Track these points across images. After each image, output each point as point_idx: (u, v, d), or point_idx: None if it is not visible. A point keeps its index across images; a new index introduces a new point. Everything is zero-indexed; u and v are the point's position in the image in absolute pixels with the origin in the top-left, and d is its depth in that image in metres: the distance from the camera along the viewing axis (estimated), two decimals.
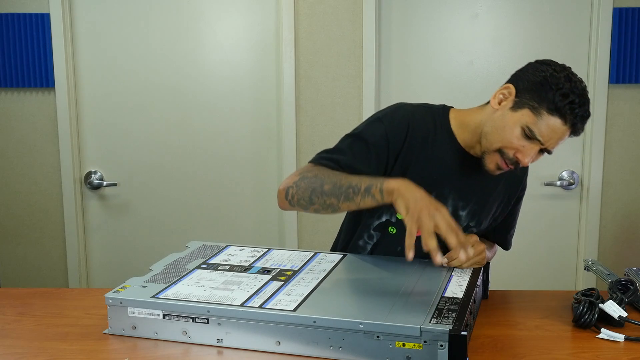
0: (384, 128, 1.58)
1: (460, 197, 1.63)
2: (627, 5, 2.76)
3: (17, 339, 1.40)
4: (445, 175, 1.61)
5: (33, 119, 2.90)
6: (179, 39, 2.89)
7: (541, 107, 1.46)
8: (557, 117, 1.45)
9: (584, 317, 1.41)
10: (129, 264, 3.01)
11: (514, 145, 1.49)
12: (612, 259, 2.91)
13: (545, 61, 1.53)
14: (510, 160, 1.52)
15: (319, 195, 1.48)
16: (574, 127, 1.48)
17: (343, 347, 1.25)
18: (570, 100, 1.44)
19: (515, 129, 1.49)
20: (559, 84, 1.45)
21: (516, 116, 1.49)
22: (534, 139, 1.47)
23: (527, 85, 1.50)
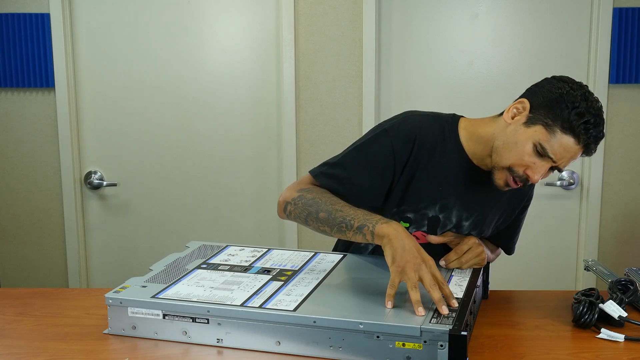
0: (391, 142, 1.55)
1: (465, 208, 1.61)
2: (627, 5, 2.76)
3: (17, 339, 1.40)
4: (452, 187, 1.59)
5: (33, 119, 2.90)
6: (179, 39, 2.89)
7: (555, 124, 1.43)
8: (571, 136, 1.43)
9: (584, 317, 1.41)
10: (129, 264, 3.01)
11: (524, 162, 1.46)
12: (612, 259, 2.91)
13: (562, 78, 1.51)
14: (520, 177, 1.49)
15: (314, 220, 1.48)
16: (587, 148, 1.45)
17: (343, 347, 1.25)
18: (586, 120, 1.42)
19: (527, 145, 1.46)
20: (575, 102, 1.43)
21: (529, 132, 1.47)
22: (546, 156, 1.45)
23: (542, 101, 1.48)
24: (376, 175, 1.55)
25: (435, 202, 1.59)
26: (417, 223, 1.60)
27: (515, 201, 1.71)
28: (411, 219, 1.60)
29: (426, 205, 1.59)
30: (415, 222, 1.60)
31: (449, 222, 1.61)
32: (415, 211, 1.59)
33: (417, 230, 1.61)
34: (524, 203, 1.75)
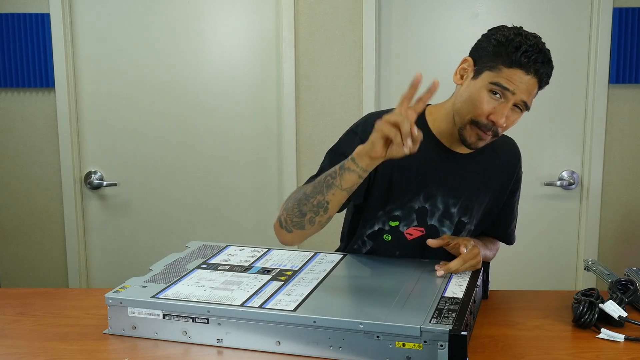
0: (359, 138, 1.56)
1: (449, 194, 1.63)
2: (627, 5, 2.76)
3: (17, 339, 1.40)
4: (430, 175, 1.61)
5: (33, 119, 2.90)
6: (179, 39, 2.89)
7: (499, 65, 1.48)
8: (517, 68, 1.46)
9: (584, 317, 1.41)
10: (129, 264, 3.00)
11: (485, 110, 1.49)
12: (612, 259, 2.91)
13: (496, 27, 1.56)
14: (486, 126, 1.51)
15: (305, 202, 1.46)
16: (538, 75, 1.48)
17: (343, 347, 1.25)
18: (524, 50, 1.45)
19: (482, 93, 1.49)
20: (509, 39, 1.48)
21: (479, 82, 1.51)
22: (503, 91, 1.47)
23: (482, 52, 1.53)
24: None
25: (418, 193, 1.62)
26: (406, 218, 1.62)
27: (502, 182, 1.71)
28: (399, 216, 1.62)
29: (410, 198, 1.61)
30: (404, 218, 1.62)
31: (436, 209, 1.63)
32: (402, 207, 1.62)
33: (408, 228, 1.63)
34: (511, 185, 1.74)
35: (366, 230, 1.67)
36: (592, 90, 2.83)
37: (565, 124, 2.89)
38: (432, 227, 1.64)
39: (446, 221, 1.64)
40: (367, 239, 1.68)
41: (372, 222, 1.66)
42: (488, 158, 1.67)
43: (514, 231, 1.85)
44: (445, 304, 1.31)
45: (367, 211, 1.65)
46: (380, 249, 1.67)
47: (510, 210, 1.79)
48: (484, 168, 1.66)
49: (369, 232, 1.67)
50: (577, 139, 2.90)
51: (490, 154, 1.67)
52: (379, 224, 1.65)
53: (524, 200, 3.08)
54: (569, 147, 2.91)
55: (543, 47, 1.49)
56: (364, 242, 1.69)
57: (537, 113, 2.89)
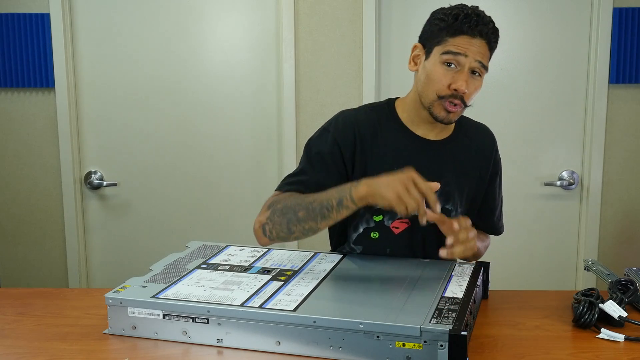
0: (332, 136, 1.64)
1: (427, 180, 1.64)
2: (627, 5, 2.76)
3: (17, 339, 1.40)
4: (405, 163, 1.62)
5: (33, 119, 2.90)
6: (179, 39, 2.89)
7: (443, 38, 1.54)
8: (461, 35, 1.52)
9: (584, 317, 1.41)
10: (129, 264, 3.01)
11: (444, 83, 1.54)
12: (612, 259, 2.91)
13: (435, 10, 1.62)
14: (451, 96, 1.55)
15: (296, 224, 1.51)
16: (484, 36, 1.54)
17: (343, 347, 1.25)
18: (463, 16, 1.52)
19: (437, 68, 1.55)
20: (447, 13, 1.55)
21: (431, 60, 1.57)
22: (455, 56, 1.52)
23: (427, 33, 1.60)
24: (332, 169, 1.63)
25: None
26: (389, 211, 1.64)
27: (480, 167, 1.72)
28: (382, 210, 1.64)
29: None
30: (387, 210, 1.64)
31: None
32: None
33: (393, 221, 1.65)
34: (491, 169, 1.75)
35: (352, 235, 1.69)
36: (592, 90, 2.82)
37: (565, 124, 2.89)
38: (415, 218, 1.64)
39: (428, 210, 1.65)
40: (355, 245, 1.69)
41: (356, 223, 1.67)
42: (461, 143, 1.70)
43: (501, 220, 1.85)
44: (445, 304, 1.31)
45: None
46: (370, 250, 1.68)
47: (493, 197, 1.80)
48: (457, 153, 1.69)
49: (355, 237, 1.68)
50: (577, 139, 2.90)
51: (462, 139, 1.71)
52: (363, 224, 1.67)
53: (524, 200, 3.10)
54: (569, 147, 2.91)
55: (481, 12, 1.56)
56: (352, 248, 1.70)
57: (537, 113, 2.90)
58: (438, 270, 1.53)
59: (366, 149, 1.63)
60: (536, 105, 2.89)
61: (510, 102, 2.89)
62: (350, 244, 1.70)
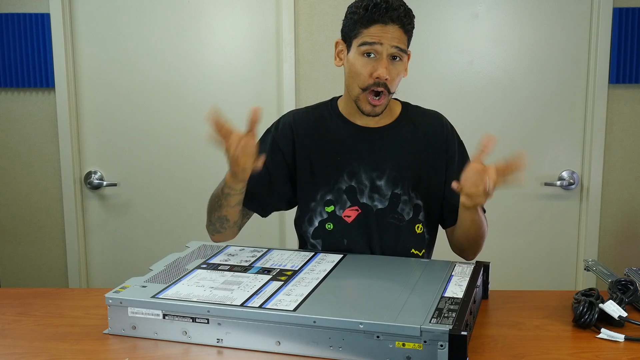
0: (272, 135, 1.76)
1: (372, 168, 1.68)
2: (627, 5, 2.76)
3: (17, 339, 1.40)
4: (348, 152, 1.69)
5: (33, 119, 2.90)
6: (179, 38, 2.89)
7: (358, 29, 1.58)
8: (373, 24, 1.56)
9: (584, 317, 1.41)
10: (129, 264, 3.00)
11: (365, 72, 1.58)
12: (612, 259, 2.91)
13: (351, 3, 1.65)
14: (375, 85, 1.59)
15: (210, 215, 1.70)
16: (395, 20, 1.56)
17: (343, 347, 1.25)
18: (372, 7, 1.55)
19: (357, 61, 1.59)
20: (358, 6, 1.59)
21: (351, 53, 1.62)
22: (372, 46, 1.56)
23: (345, 28, 1.64)
24: (271, 167, 1.71)
25: (341, 173, 1.68)
26: (339, 201, 1.69)
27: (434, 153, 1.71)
28: (332, 200, 1.69)
29: (336, 179, 1.69)
30: (336, 200, 1.69)
31: (363, 186, 1.68)
32: (331, 190, 1.69)
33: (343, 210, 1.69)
34: (447, 155, 1.72)
35: (309, 230, 1.72)
36: (592, 90, 2.82)
37: (565, 124, 2.89)
38: (364, 205, 1.69)
39: (375, 195, 1.68)
40: (314, 240, 1.72)
41: (310, 216, 1.71)
42: (405, 129, 1.72)
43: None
44: (445, 304, 1.31)
45: (302, 208, 1.73)
46: (328, 243, 1.71)
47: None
48: (402, 139, 1.70)
49: (312, 231, 1.72)
50: (577, 139, 2.90)
51: (407, 125, 1.72)
52: (317, 217, 1.70)
53: (524, 200, 3.10)
54: (569, 147, 2.91)
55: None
56: (312, 244, 1.73)
57: (537, 113, 2.90)
58: (438, 270, 1.53)
59: (307, 144, 1.71)
60: (536, 105, 2.89)
61: (510, 102, 2.89)
62: (310, 239, 1.73)
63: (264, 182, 1.71)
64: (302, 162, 1.71)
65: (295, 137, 1.72)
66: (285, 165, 1.73)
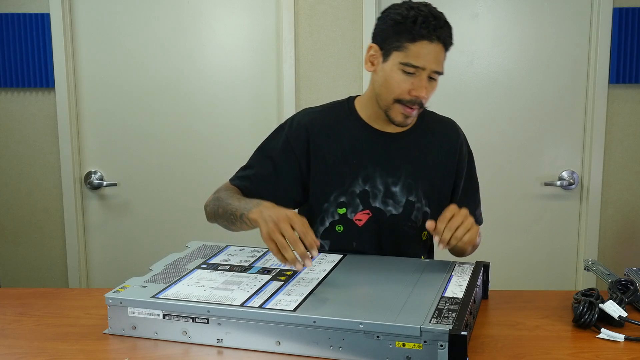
0: (285, 134, 1.71)
1: (387, 174, 1.67)
2: (627, 5, 2.76)
3: (17, 339, 1.40)
4: (364, 156, 1.67)
5: (33, 119, 2.90)
6: (179, 38, 2.89)
7: (402, 42, 1.54)
8: (420, 40, 1.52)
9: (584, 317, 1.41)
10: (129, 264, 3.00)
11: (403, 89, 1.56)
12: (612, 259, 2.91)
13: (387, 7, 1.62)
14: (410, 102, 1.57)
15: (218, 218, 1.67)
16: (441, 40, 1.54)
17: (343, 347, 1.25)
18: (422, 21, 1.51)
19: (396, 74, 1.56)
20: (404, 16, 1.54)
21: (390, 63, 1.57)
22: (415, 68, 1.54)
23: (383, 34, 1.59)
24: (281, 166, 1.70)
25: (356, 176, 1.67)
26: (351, 204, 1.67)
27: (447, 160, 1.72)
28: (345, 203, 1.67)
29: (350, 183, 1.67)
30: (349, 203, 1.67)
31: (377, 191, 1.67)
32: (344, 193, 1.67)
33: (355, 214, 1.67)
34: (458, 162, 1.74)
35: (319, 229, 1.71)
36: (592, 90, 2.82)
37: (565, 124, 2.89)
38: (376, 209, 1.68)
39: (390, 201, 1.67)
40: (322, 240, 1.72)
41: (322, 217, 1.70)
42: (422, 137, 1.72)
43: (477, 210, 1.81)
44: (445, 304, 1.31)
45: (313, 208, 1.71)
46: (336, 244, 1.70)
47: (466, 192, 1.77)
48: (419, 146, 1.70)
49: (322, 231, 1.71)
50: (577, 139, 2.90)
51: (424, 132, 1.72)
52: (328, 218, 1.69)
53: (524, 200, 3.10)
54: (569, 147, 2.91)
55: (436, 12, 1.56)
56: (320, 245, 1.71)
57: (537, 113, 2.90)
58: (438, 270, 1.53)
59: (323, 145, 1.68)
60: (536, 105, 2.89)
61: (510, 102, 2.89)
62: (319, 239, 1.71)
63: (271, 182, 1.70)
64: (317, 163, 1.68)
65: (310, 137, 1.68)
66: (296, 166, 1.69)
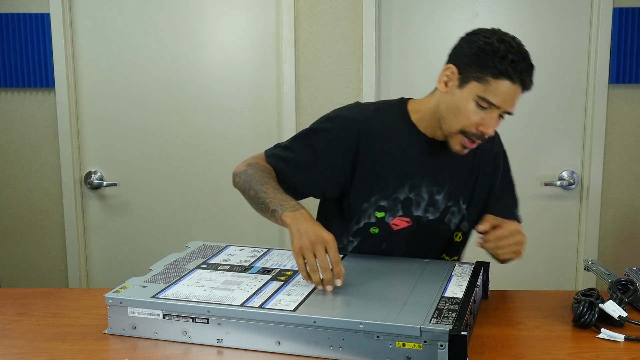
0: (335, 129, 1.63)
1: (433, 182, 1.65)
2: (627, 5, 2.76)
3: (17, 339, 1.40)
4: (413, 165, 1.64)
5: (33, 119, 2.90)
6: (179, 38, 2.89)
7: (485, 75, 1.48)
8: (504, 79, 1.47)
9: (584, 317, 1.41)
10: (129, 264, 3.00)
11: (472, 121, 1.51)
12: (612, 259, 2.91)
13: (475, 31, 1.56)
14: (474, 135, 1.54)
15: (246, 196, 1.62)
16: (523, 83, 1.50)
17: (343, 347, 1.25)
18: (511, 60, 1.47)
19: (469, 105, 1.51)
20: (494, 49, 1.48)
21: (465, 92, 1.52)
22: (490, 105, 1.49)
23: (466, 60, 1.52)
24: (322, 159, 1.62)
25: (403, 184, 1.64)
26: (392, 209, 1.64)
27: (482, 163, 1.72)
28: (385, 207, 1.64)
29: (395, 189, 1.63)
30: (390, 208, 1.64)
31: (421, 199, 1.65)
32: (387, 197, 1.63)
33: (393, 218, 1.64)
34: (493, 164, 1.75)
35: (352, 227, 1.67)
36: (592, 90, 2.82)
37: (565, 124, 2.89)
38: (417, 218, 1.66)
39: (431, 208, 1.66)
40: (353, 238, 1.69)
41: (358, 216, 1.66)
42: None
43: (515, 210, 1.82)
44: (445, 304, 1.31)
45: (350, 206, 1.66)
46: (365, 244, 1.68)
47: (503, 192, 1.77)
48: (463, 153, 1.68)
49: (355, 229, 1.67)
50: (577, 139, 2.90)
51: None
52: (365, 219, 1.65)
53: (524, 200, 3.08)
54: (569, 147, 2.91)
55: (524, 50, 1.53)
56: (350, 241, 1.69)
57: (537, 113, 2.90)
58: (438, 270, 1.53)
59: (372, 147, 1.61)
60: (536, 105, 2.88)
61: None
62: (349, 235, 1.68)
63: (307, 172, 1.63)
64: (363, 164, 1.62)
65: (362, 138, 1.61)
66: (339, 164, 1.62)
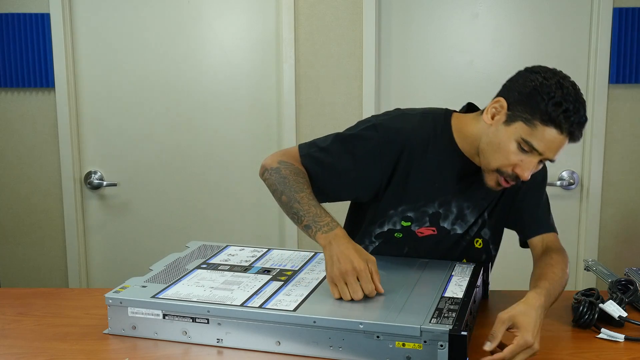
0: (378, 138, 1.56)
1: (464, 199, 1.61)
2: (627, 5, 2.76)
3: (17, 339, 1.40)
4: (448, 182, 1.59)
5: (33, 119, 2.90)
6: (179, 38, 2.89)
7: (534, 118, 1.41)
8: (552, 127, 1.40)
9: (584, 317, 1.41)
10: (129, 264, 3.00)
11: (511, 162, 1.45)
12: (612, 259, 2.91)
13: (535, 69, 1.48)
14: (510, 176, 1.48)
15: (276, 198, 1.55)
16: (572, 135, 1.42)
17: (343, 347, 1.25)
18: (565, 109, 1.39)
19: (511, 145, 1.44)
20: (550, 93, 1.40)
21: (510, 130, 1.44)
22: (532, 150, 1.42)
23: (518, 96, 1.45)
24: (360, 168, 1.56)
25: (433, 200, 1.60)
26: (419, 220, 1.61)
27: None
28: (412, 218, 1.60)
29: (425, 203, 1.60)
30: (417, 220, 1.61)
31: (450, 213, 1.61)
32: (415, 209, 1.60)
33: (420, 227, 1.61)
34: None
35: (374, 230, 1.64)
36: (592, 90, 2.82)
37: None
38: (443, 229, 1.63)
39: (459, 221, 1.63)
40: (375, 239, 1.65)
41: (382, 221, 1.63)
42: None
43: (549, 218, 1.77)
44: (445, 304, 1.31)
45: (377, 210, 1.62)
46: (387, 247, 1.64)
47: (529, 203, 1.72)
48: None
49: (378, 232, 1.64)
50: None
51: None
52: (389, 224, 1.62)
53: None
54: (569, 147, 2.88)
55: (583, 102, 1.42)
56: (371, 241, 1.66)
57: None
58: (438, 270, 1.53)
59: (412, 161, 1.57)
60: None
61: None
62: (372, 237, 1.65)
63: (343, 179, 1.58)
64: (400, 173, 1.57)
65: (405, 150, 1.55)
66: (377, 174, 1.57)
